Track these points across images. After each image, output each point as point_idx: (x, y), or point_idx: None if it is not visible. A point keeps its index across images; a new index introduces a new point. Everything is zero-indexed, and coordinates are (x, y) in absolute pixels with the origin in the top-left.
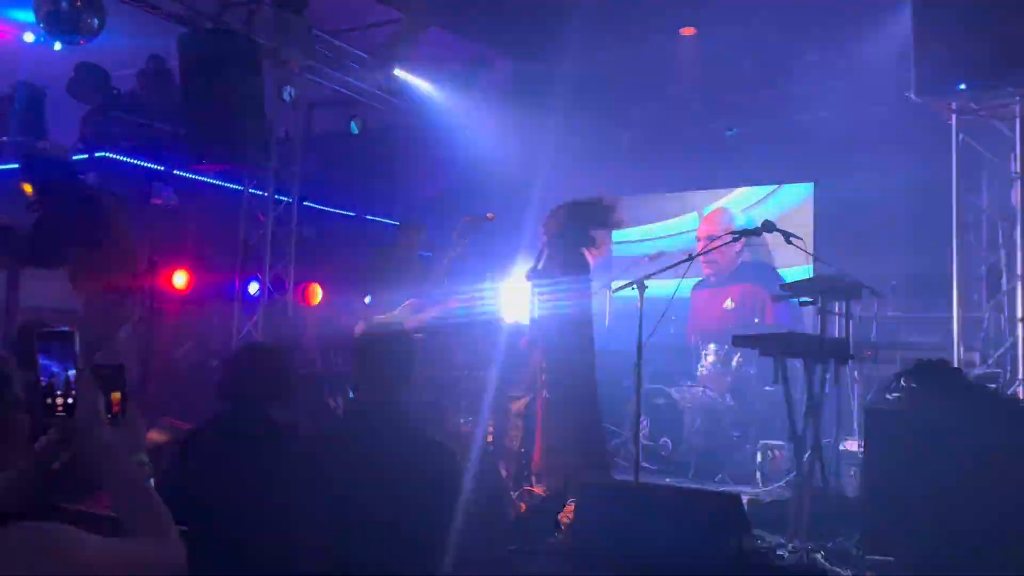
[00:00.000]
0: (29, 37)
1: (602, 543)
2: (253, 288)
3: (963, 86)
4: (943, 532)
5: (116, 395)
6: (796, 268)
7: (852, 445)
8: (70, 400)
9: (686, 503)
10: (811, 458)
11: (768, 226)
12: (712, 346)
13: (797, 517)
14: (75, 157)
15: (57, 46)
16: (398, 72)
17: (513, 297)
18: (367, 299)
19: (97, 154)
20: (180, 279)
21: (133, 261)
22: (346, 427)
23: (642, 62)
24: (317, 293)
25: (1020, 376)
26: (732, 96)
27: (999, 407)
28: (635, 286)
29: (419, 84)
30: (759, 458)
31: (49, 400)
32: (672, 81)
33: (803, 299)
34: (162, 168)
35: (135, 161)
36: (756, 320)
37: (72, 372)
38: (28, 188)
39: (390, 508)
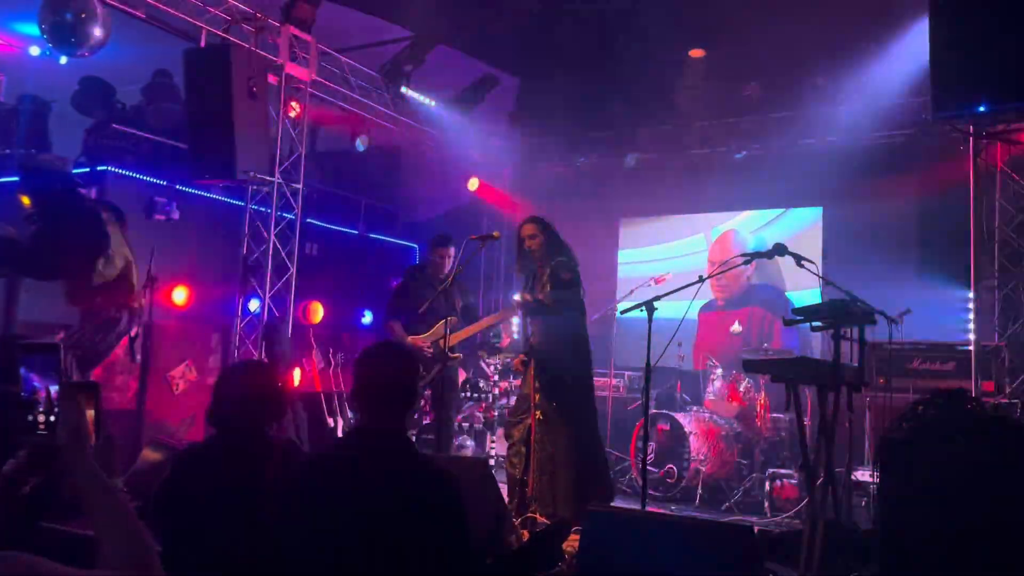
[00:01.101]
0: (35, 51)
1: (609, 573)
2: (254, 305)
3: (982, 107)
4: (962, 567)
5: (90, 413)
6: (805, 291)
7: (864, 475)
8: (52, 418)
9: (696, 534)
10: (823, 488)
11: (780, 249)
12: (719, 371)
13: (810, 549)
14: (77, 171)
15: (63, 60)
16: (405, 90)
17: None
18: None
19: (100, 168)
20: (180, 295)
21: (132, 276)
22: (347, 450)
23: (650, 83)
24: (318, 311)
25: None
26: (740, 119)
27: (1019, 438)
28: (643, 308)
29: (426, 102)
30: (767, 487)
31: (30, 417)
32: (680, 103)
33: (815, 324)
34: (165, 183)
35: (138, 175)
36: (765, 344)
37: (55, 388)
38: (26, 200)
39: (389, 538)
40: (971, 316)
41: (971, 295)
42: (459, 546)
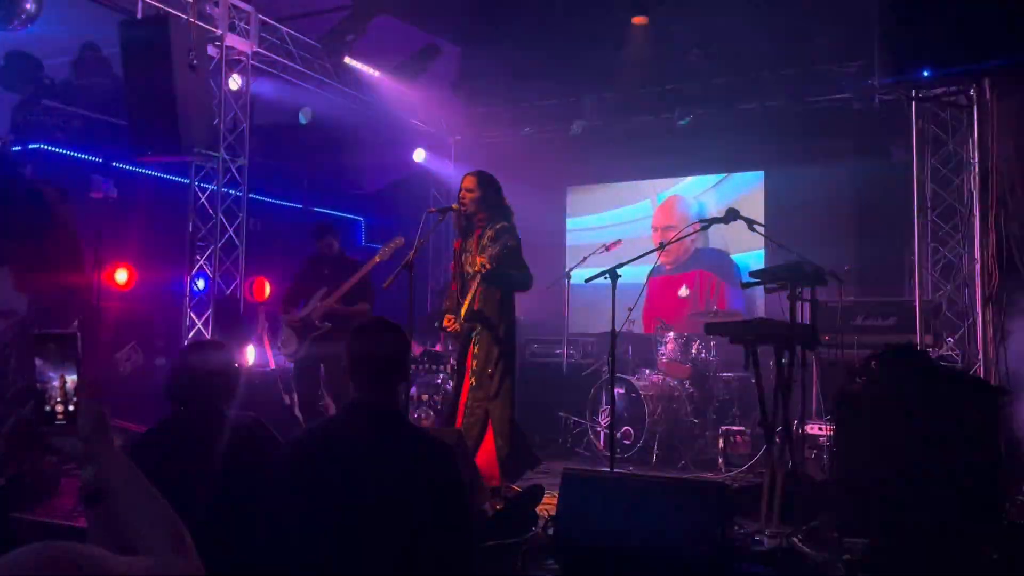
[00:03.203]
0: None
1: (586, 534)
2: (201, 284)
3: (927, 72)
4: (916, 512)
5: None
6: (749, 253)
7: (814, 429)
8: (71, 408)
9: (670, 492)
10: (781, 442)
11: (733, 214)
12: (671, 334)
13: (770, 500)
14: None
15: None
16: (347, 60)
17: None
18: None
19: (31, 145)
20: (122, 276)
21: (78, 257)
22: (347, 423)
23: (594, 51)
24: (264, 288)
25: (980, 357)
26: (683, 85)
27: (964, 387)
28: (607, 276)
29: (368, 72)
30: (721, 444)
31: (48, 407)
32: (624, 70)
33: (770, 286)
34: (100, 160)
35: (71, 153)
36: (714, 307)
37: (72, 378)
38: None
39: (391, 511)
40: (911, 273)
41: (916, 253)
42: (462, 515)
